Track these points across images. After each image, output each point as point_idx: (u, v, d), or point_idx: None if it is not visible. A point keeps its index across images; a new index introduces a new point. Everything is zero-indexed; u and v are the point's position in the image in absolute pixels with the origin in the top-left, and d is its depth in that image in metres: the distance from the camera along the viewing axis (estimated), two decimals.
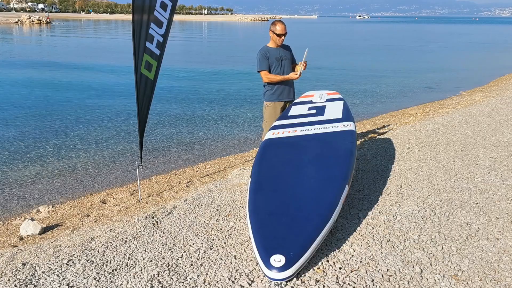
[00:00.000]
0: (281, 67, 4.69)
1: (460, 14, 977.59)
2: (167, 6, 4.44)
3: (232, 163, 6.22)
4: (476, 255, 2.73)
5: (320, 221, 2.71)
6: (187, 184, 5.21)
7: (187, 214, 3.52)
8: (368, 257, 2.69)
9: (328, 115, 4.32)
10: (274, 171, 3.42)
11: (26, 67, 17.20)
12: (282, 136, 3.96)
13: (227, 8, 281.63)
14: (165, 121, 8.76)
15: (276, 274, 2.38)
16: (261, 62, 4.63)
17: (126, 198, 4.93)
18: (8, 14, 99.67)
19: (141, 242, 3.02)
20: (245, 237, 3.05)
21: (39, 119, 8.76)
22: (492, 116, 6.99)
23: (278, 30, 4.61)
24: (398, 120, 8.04)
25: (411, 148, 5.20)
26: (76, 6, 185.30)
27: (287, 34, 4.74)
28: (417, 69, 18.60)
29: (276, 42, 4.69)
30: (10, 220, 4.57)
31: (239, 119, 9.18)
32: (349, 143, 3.72)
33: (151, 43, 4.38)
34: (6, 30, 48.89)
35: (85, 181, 5.70)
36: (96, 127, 8.27)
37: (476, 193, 3.72)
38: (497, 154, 4.83)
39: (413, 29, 78.33)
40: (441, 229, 3.05)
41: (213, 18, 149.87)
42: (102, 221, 4.07)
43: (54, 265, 2.70)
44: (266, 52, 4.66)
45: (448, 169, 4.34)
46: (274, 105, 4.76)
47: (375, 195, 3.73)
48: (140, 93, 4.42)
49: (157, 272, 2.59)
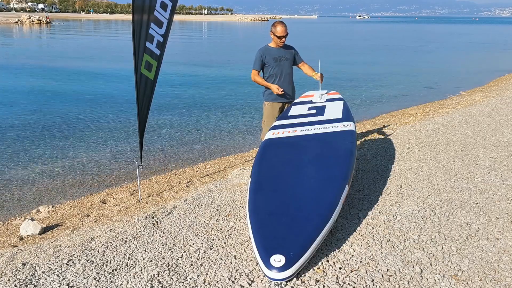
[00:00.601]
0: (279, 67, 4.70)
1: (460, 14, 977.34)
2: (167, 6, 4.44)
3: (232, 163, 6.22)
4: (476, 255, 2.73)
5: (320, 221, 2.71)
6: (187, 184, 5.21)
7: (187, 214, 3.52)
8: (368, 257, 2.69)
9: (328, 115, 4.32)
10: (274, 171, 3.42)
11: (26, 67, 17.20)
12: (282, 136, 3.96)
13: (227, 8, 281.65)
14: (165, 121, 8.76)
15: (276, 274, 2.38)
16: (255, 62, 4.73)
17: (126, 198, 4.93)
18: (8, 14, 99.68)
19: (141, 242, 3.02)
20: (245, 237, 3.05)
21: (39, 119, 8.75)
22: (492, 116, 6.99)
23: (278, 32, 4.62)
24: (398, 120, 8.04)
25: (411, 148, 5.20)
26: (76, 6, 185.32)
27: (288, 34, 4.75)
28: (417, 69, 18.59)
29: (277, 43, 4.70)
30: (10, 220, 4.57)
31: (239, 119, 9.19)
32: (349, 143, 3.72)
33: (151, 43, 4.38)
34: (6, 30, 48.88)
35: (85, 181, 5.70)
36: (96, 127, 8.27)
37: (476, 193, 3.72)
38: (497, 154, 4.83)
39: (413, 29, 78.32)
40: (441, 229, 3.05)
41: (213, 18, 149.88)
42: (102, 221, 4.07)
43: (54, 265, 2.70)
44: (264, 52, 4.70)
45: (448, 169, 4.34)
46: (272, 105, 4.78)
47: (375, 195, 3.73)
48: (140, 93, 4.42)
49: (157, 272, 2.59)
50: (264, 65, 4.72)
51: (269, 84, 4.69)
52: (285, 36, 4.67)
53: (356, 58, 23.42)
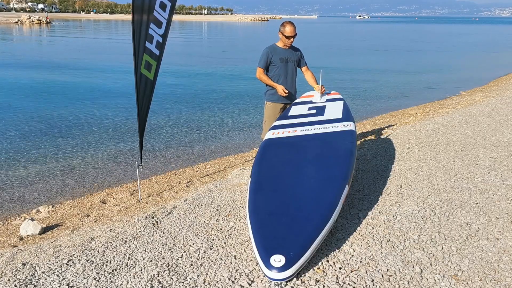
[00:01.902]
0: (284, 68, 4.68)
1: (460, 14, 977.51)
2: (166, 6, 4.44)
3: (232, 163, 6.22)
4: (476, 255, 2.73)
5: (320, 221, 2.71)
6: (187, 184, 5.21)
7: (187, 214, 3.52)
8: (368, 257, 2.69)
9: (328, 115, 4.32)
10: (274, 171, 3.42)
11: (26, 68, 17.20)
12: (282, 136, 3.96)
13: (227, 8, 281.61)
14: (165, 121, 8.76)
15: (276, 274, 2.38)
16: (261, 59, 4.69)
17: (126, 198, 4.93)
18: (8, 14, 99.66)
19: (141, 242, 3.02)
20: (245, 237, 3.05)
21: (39, 119, 8.75)
22: (492, 116, 6.99)
23: (287, 32, 4.60)
24: (398, 120, 8.04)
25: (411, 148, 5.20)
26: (76, 6, 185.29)
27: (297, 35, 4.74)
28: (417, 69, 18.60)
29: (285, 43, 4.69)
30: (10, 220, 4.57)
31: (239, 119, 9.18)
32: (349, 143, 3.72)
33: (151, 43, 4.38)
34: (6, 30, 48.88)
35: (85, 181, 5.70)
36: (96, 127, 8.27)
37: (476, 193, 3.72)
38: (497, 154, 4.83)
39: (413, 29, 78.34)
40: (441, 229, 3.05)
41: (213, 18, 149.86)
42: (102, 221, 4.07)
43: (54, 265, 2.70)
44: (271, 51, 4.67)
45: (448, 169, 4.34)
46: (274, 106, 4.77)
47: (375, 195, 3.73)
48: (140, 93, 4.42)
49: (157, 272, 2.59)
50: (270, 64, 4.70)
51: (275, 84, 4.66)
52: (294, 37, 4.65)
53: (356, 58, 23.42)
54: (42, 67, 17.59)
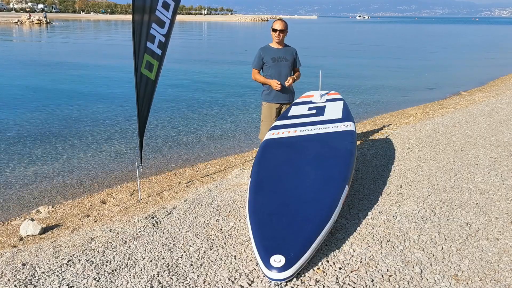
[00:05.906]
0: (277, 67, 4.67)
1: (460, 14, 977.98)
2: (170, 6, 4.43)
3: (232, 163, 6.22)
4: (476, 255, 2.73)
5: (320, 221, 2.71)
6: (187, 184, 5.20)
7: (187, 215, 3.52)
8: (368, 257, 2.69)
9: (328, 115, 4.32)
10: (274, 171, 3.42)
11: (26, 68, 17.20)
12: (282, 136, 3.96)
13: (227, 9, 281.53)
14: (165, 121, 8.76)
15: (276, 274, 2.38)
16: (254, 60, 4.75)
17: (126, 198, 4.93)
18: (8, 14, 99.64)
19: (141, 242, 3.01)
20: (245, 237, 3.04)
21: (39, 120, 8.75)
22: (492, 116, 6.99)
23: (274, 25, 4.64)
24: (398, 120, 8.04)
25: (411, 148, 5.20)
26: (76, 6, 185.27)
27: (288, 32, 4.74)
28: (417, 69, 18.59)
29: (274, 39, 4.69)
30: (10, 220, 4.57)
31: (239, 119, 9.18)
32: (349, 143, 3.72)
33: (152, 43, 4.37)
34: (6, 30, 48.88)
35: (85, 181, 5.70)
36: (96, 127, 8.26)
37: (476, 193, 3.72)
38: (497, 154, 4.83)
39: (413, 29, 78.33)
40: (441, 229, 3.05)
41: (213, 18, 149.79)
42: (102, 221, 4.07)
43: (54, 266, 2.70)
44: (263, 51, 4.70)
45: (448, 169, 4.34)
46: (269, 106, 4.78)
47: (375, 195, 3.73)
48: (140, 93, 4.42)
49: (157, 273, 2.59)
50: (264, 64, 4.71)
51: (268, 80, 4.68)
52: (281, 31, 4.62)
53: (356, 58, 23.41)
54: (42, 67, 17.58)
